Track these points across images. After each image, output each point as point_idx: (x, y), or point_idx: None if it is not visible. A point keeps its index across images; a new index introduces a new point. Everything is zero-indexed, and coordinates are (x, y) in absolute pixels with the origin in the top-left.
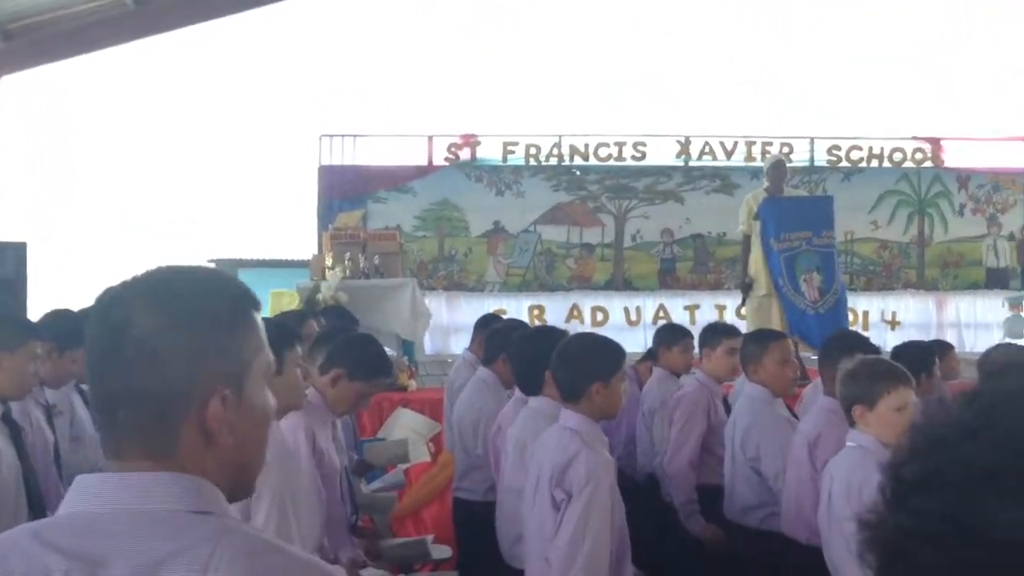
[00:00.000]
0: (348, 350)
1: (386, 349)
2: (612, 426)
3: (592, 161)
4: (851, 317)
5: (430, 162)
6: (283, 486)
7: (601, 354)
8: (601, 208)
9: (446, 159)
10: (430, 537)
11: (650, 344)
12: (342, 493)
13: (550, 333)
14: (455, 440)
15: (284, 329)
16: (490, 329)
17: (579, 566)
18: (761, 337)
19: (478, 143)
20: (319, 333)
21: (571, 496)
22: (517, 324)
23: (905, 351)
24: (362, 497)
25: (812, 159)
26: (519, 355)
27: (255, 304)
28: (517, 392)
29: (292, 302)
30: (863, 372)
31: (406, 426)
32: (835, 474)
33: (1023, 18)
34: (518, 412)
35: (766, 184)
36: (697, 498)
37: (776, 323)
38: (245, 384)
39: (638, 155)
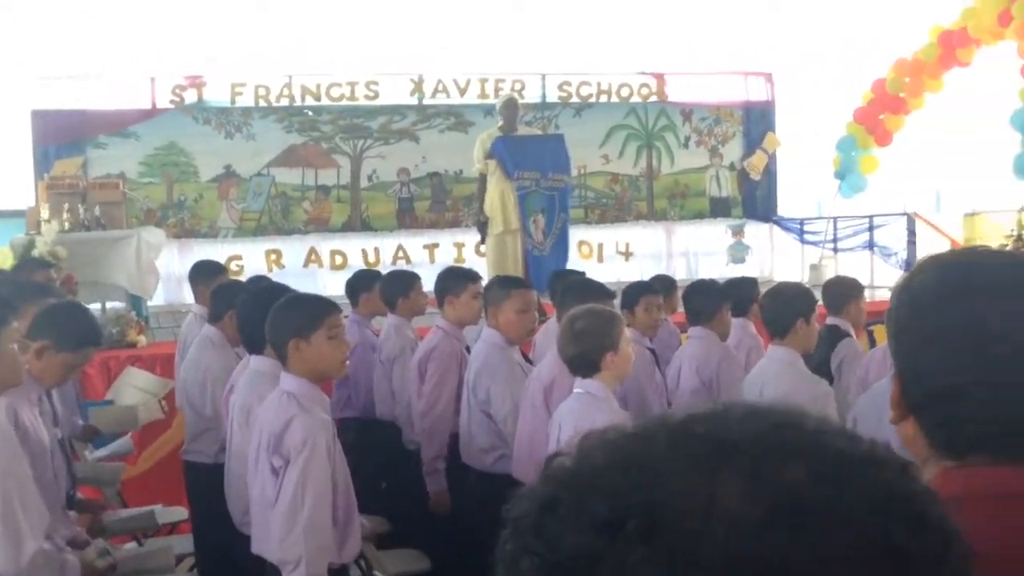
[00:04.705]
0: (54, 320)
1: (116, 304)
2: (353, 378)
3: (325, 101)
4: (587, 250)
5: (154, 105)
6: (5, 470)
7: (293, 311)
8: (336, 149)
9: (171, 102)
10: (158, 507)
11: None
12: (55, 469)
13: (275, 291)
14: (184, 401)
15: None
16: (216, 286)
17: (298, 531)
18: (505, 284)
19: (204, 84)
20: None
21: (288, 462)
22: (240, 283)
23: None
24: (85, 470)
25: (544, 95)
26: (242, 314)
27: None
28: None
29: (5, 259)
30: (600, 323)
31: (136, 385)
32: (563, 420)
33: None
34: None
35: (500, 123)
36: (447, 454)
37: (512, 260)
38: None
39: (371, 94)
